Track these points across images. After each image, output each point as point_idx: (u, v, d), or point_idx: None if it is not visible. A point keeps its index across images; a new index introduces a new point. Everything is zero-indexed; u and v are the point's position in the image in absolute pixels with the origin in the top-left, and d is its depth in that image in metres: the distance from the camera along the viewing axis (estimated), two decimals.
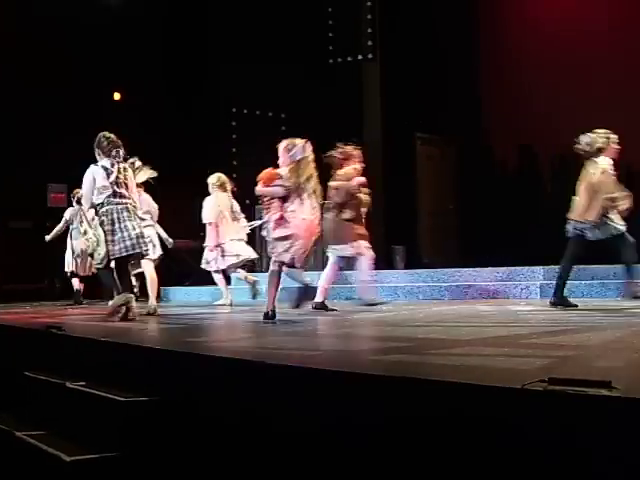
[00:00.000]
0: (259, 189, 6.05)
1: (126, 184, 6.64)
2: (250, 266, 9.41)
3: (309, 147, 6.10)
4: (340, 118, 11.11)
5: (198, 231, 9.76)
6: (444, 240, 12.01)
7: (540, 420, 2.58)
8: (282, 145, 6.10)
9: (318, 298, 7.11)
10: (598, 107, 10.77)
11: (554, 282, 8.23)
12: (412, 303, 8.10)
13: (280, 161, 6.11)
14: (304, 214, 5.87)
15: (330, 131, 11.35)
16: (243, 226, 9.12)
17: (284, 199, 5.92)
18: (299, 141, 6.08)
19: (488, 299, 8.11)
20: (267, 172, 6.03)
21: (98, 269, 6.78)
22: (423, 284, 9.13)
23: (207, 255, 8.93)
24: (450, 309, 7.04)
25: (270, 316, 5.88)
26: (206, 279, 9.61)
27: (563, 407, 2.58)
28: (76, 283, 10.53)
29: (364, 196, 7.42)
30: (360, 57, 11.85)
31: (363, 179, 7.42)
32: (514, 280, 8.71)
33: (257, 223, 8.94)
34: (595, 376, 2.72)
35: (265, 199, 6.07)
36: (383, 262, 10.67)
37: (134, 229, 6.56)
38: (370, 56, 11.84)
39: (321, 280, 7.32)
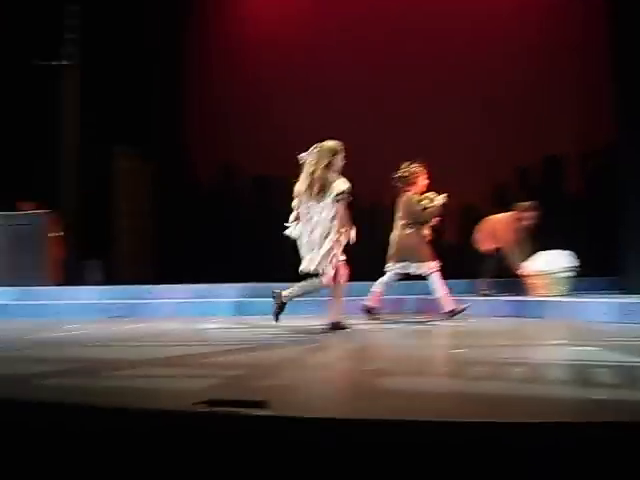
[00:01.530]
0: None
1: None
2: None
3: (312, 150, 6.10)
4: (41, 123, 10.60)
5: None
6: (141, 256, 11.82)
7: (205, 440, 2.58)
8: None
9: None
10: (303, 126, 11.24)
11: (247, 299, 8.49)
12: (103, 321, 7.82)
13: None
14: None
15: (30, 137, 10.79)
16: None
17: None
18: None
19: (180, 317, 8.07)
20: None
21: None
22: (116, 301, 8.87)
23: None
24: (139, 327, 6.90)
25: None
26: None
27: (222, 428, 2.60)
28: None
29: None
30: (61, 62, 11.31)
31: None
32: (208, 297, 8.78)
33: None
34: (259, 395, 2.77)
35: None
36: (77, 278, 10.28)
37: None
38: (69, 62, 11.34)
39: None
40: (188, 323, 7.17)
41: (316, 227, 6.04)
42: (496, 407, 2.71)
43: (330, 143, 6.16)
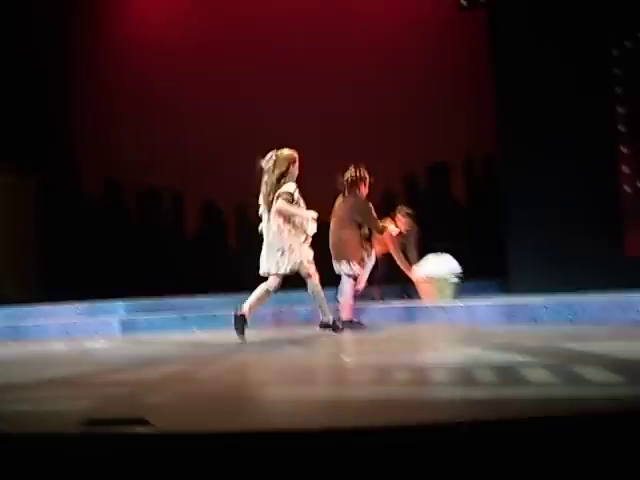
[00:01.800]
0: None
1: None
2: None
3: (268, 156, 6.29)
4: None
5: None
6: (24, 276, 11.37)
7: (87, 460, 2.50)
8: None
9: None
10: (194, 134, 11.15)
11: (135, 317, 8.31)
12: None
13: None
14: None
15: None
16: None
17: None
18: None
19: (66, 336, 7.81)
20: None
21: None
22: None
23: None
24: (22, 350, 6.63)
25: None
26: None
27: (104, 448, 2.52)
28: None
29: None
30: None
31: None
32: (94, 315, 8.53)
33: None
34: (143, 413, 2.71)
35: None
36: None
37: None
38: None
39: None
40: (75, 343, 6.95)
41: (269, 231, 6.19)
42: (378, 411, 2.73)
43: (286, 152, 6.32)
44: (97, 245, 11.37)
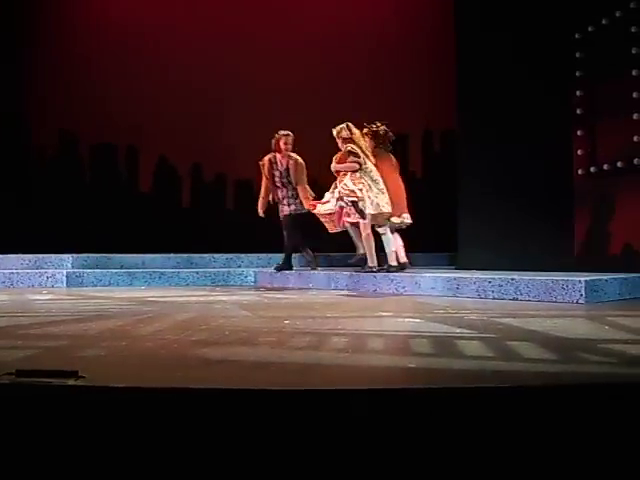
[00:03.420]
0: None
1: None
2: None
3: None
4: None
5: None
6: None
7: (11, 411, 2.48)
8: None
9: None
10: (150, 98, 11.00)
11: (82, 270, 8.23)
12: None
13: None
14: None
15: None
16: None
17: None
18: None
19: (10, 288, 7.72)
20: None
21: None
22: None
23: None
24: None
25: None
26: None
27: (31, 399, 2.51)
28: None
29: None
30: None
31: None
32: (41, 268, 8.43)
33: None
34: (76, 366, 2.69)
35: None
36: None
37: None
38: None
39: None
40: (17, 294, 6.87)
41: None
42: (311, 375, 2.75)
43: None
44: (47, 198, 11.19)
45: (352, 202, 7.20)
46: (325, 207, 7.53)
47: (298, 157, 8.18)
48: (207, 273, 8.41)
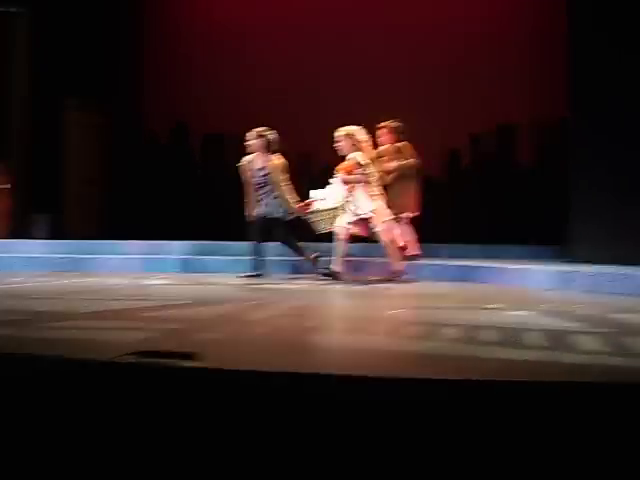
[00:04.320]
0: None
1: None
2: None
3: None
4: None
5: None
6: (89, 211, 11.65)
7: (133, 391, 2.58)
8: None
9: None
10: (254, 94, 11.21)
11: (194, 257, 8.48)
12: (48, 275, 7.73)
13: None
14: None
15: None
16: None
17: None
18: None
19: (125, 272, 8.02)
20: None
21: None
22: (63, 255, 8.76)
23: None
24: (83, 282, 6.84)
25: None
26: None
27: (149, 379, 2.60)
28: None
29: None
30: (7, 9, 10.98)
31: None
32: (156, 254, 8.72)
33: None
34: (191, 348, 2.77)
35: None
36: (25, 231, 10.15)
37: None
38: (19, 10, 11.02)
39: None
40: (133, 279, 7.13)
41: None
42: (426, 365, 2.75)
43: None
44: (161, 185, 11.57)
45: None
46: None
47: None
48: None
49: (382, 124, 8.01)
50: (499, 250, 8.76)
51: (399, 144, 8.00)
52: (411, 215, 8.01)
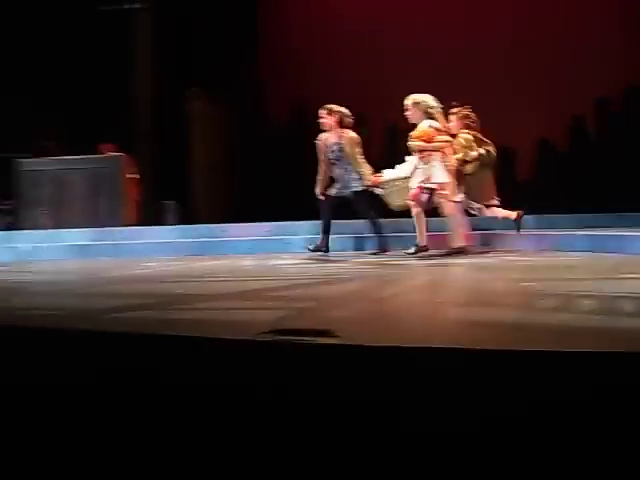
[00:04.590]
0: None
1: None
2: None
3: None
4: (107, 70, 10.78)
5: None
6: (216, 196, 11.98)
7: (270, 368, 2.65)
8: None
9: None
10: (374, 65, 11.22)
11: (317, 237, 8.56)
12: (179, 259, 8.03)
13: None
14: None
15: (107, 80, 10.97)
16: None
17: None
18: None
19: (255, 254, 8.22)
20: None
21: None
22: (192, 240, 9.07)
23: None
24: (214, 264, 7.07)
25: None
26: None
27: (285, 356, 2.66)
28: None
29: None
30: (131, 6, 11.39)
31: None
32: (281, 235, 8.89)
33: None
34: (324, 326, 2.82)
35: None
36: (154, 218, 10.54)
37: None
38: (143, 5, 11.41)
39: None
40: (262, 260, 7.29)
41: None
42: (564, 337, 2.70)
43: None
44: (285, 167, 11.74)
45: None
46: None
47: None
48: None
49: (454, 110, 7.41)
50: (630, 219, 8.41)
51: (470, 132, 7.46)
52: (485, 204, 7.53)
